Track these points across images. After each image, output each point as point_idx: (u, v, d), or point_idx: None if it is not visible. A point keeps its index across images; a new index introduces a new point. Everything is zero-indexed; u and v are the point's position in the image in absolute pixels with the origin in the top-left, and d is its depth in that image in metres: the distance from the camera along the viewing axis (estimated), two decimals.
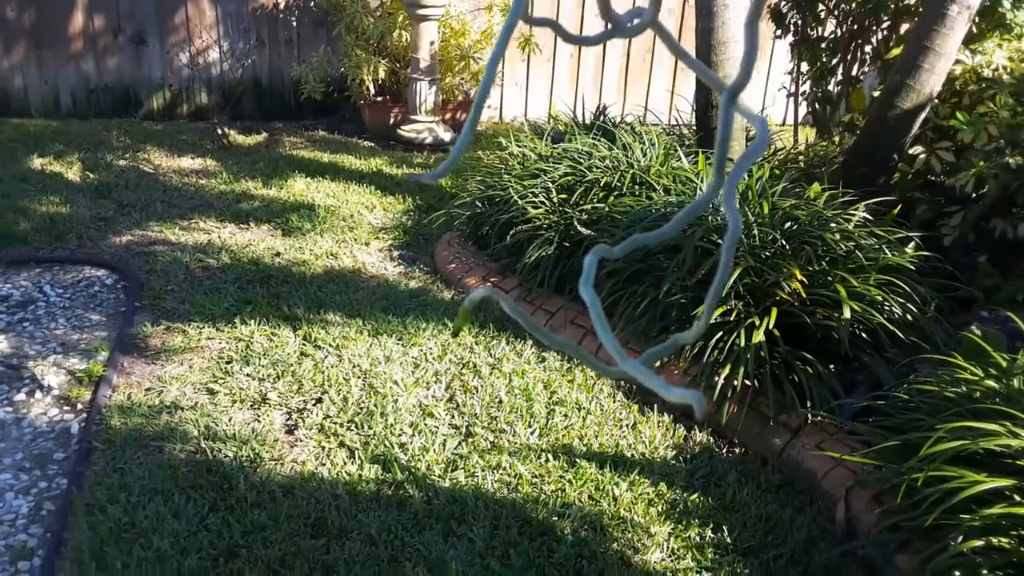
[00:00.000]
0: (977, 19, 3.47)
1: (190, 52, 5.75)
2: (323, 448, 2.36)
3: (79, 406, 2.56)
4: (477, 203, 3.77)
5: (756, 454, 2.48)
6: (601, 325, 0.47)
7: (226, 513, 2.07)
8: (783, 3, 4.30)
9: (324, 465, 2.29)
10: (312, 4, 5.80)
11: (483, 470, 2.30)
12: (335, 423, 2.47)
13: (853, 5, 4.04)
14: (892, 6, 3.97)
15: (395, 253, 3.80)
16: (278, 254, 3.64)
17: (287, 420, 2.51)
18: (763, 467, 2.41)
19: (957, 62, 3.26)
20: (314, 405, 2.56)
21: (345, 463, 2.30)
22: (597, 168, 3.54)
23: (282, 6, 5.80)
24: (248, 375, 2.70)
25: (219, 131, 5.26)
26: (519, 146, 4.03)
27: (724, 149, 0.48)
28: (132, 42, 5.64)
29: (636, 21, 0.50)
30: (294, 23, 5.86)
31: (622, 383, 2.78)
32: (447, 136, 5.55)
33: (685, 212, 0.51)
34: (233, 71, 5.86)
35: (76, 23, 5.50)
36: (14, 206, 3.94)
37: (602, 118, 4.46)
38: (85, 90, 5.66)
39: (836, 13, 4.19)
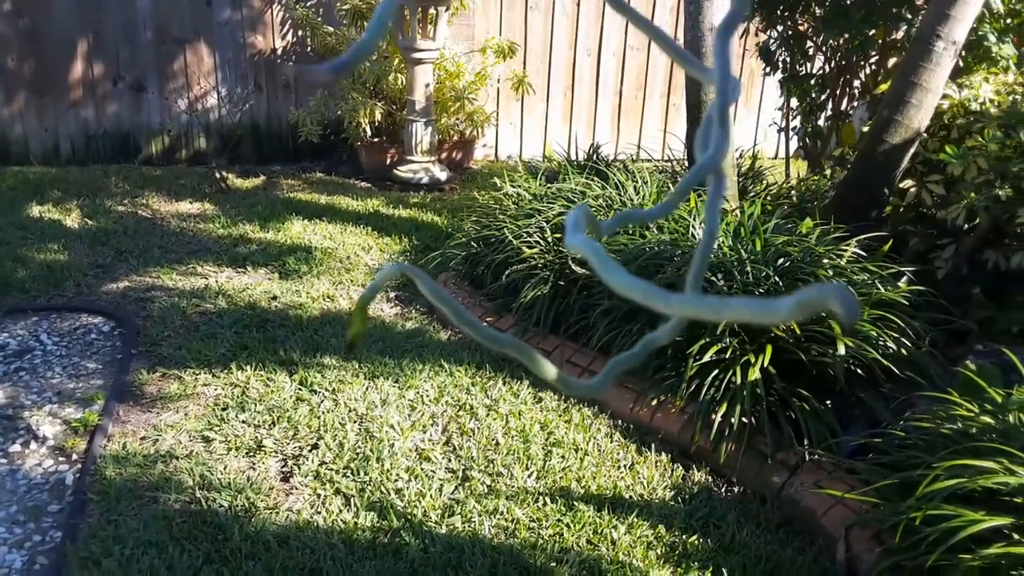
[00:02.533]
0: (964, 53, 3.52)
1: (188, 98, 5.83)
2: (318, 496, 2.35)
3: (74, 456, 2.55)
4: (472, 243, 3.79)
5: (755, 493, 2.46)
6: (609, 268, 0.37)
7: (220, 565, 2.06)
8: (771, 41, 4.36)
9: (319, 513, 2.28)
10: (309, 49, 5.88)
11: (480, 515, 2.29)
12: (331, 469, 2.46)
13: (841, 41, 4.10)
14: (879, 42, 4.03)
15: (391, 294, 3.81)
16: (275, 297, 3.65)
17: (282, 467, 2.49)
18: (762, 506, 2.40)
19: (945, 96, 3.30)
20: (310, 451, 2.55)
21: (340, 511, 2.29)
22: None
23: (279, 51, 5.88)
24: (244, 422, 2.69)
25: (217, 175, 5.30)
26: (513, 186, 4.06)
27: (724, 90, 0.40)
28: (131, 89, 5.72)
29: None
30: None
31: (619, 422, 2.77)
32: (443, 175, 5.59)
33: (683, 185, 0.43)
34: (231, 116, 5.93)
35: (76, 71, 5.58)
36: (12, 254, 3.96)
37: (595, 157, 4.50)
38: (84, 137, 5.72)
39: (824, 50, 4.25)
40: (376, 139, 5.82)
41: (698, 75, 0.43)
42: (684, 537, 2.25)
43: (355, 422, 2.70)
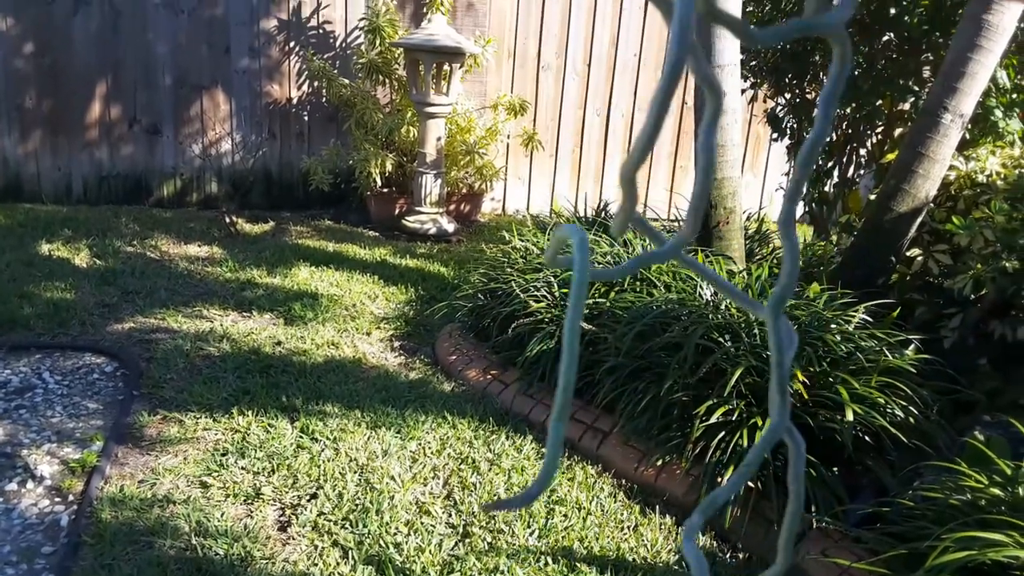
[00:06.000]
0: (970, 126, 3.57)
1: (203, 143, 5.91)
2: (316, 547, 2.31)
3: (70, 497, 2.51)
4: (479, 295, 3.80)
5: (760, 559, 2.42)
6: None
7: None
8: (779, 108, 4.44)
9: (316, 565, 2.23)
10: (324, 100, 5.98)
11: (480, 573, 2.24)
12: (329, 520, 2.42)
13: (848, 111, 4.17)
14: (886, 112, 4.10)
15: (396, 343, 3.80)
16: (279, 343, 3.64)
17: (280, 516, 2.46)
18: None
19: (951, 168, 3.34)
20: (308, 501, 2.51)
21: (338, 564, 2.24)
22: (599, 263, 3.58)
23: (295, 101, 5.99)
24: (243, 468, 2.66)
25: (227, 219, 5.35)
26: (521, 240, 4.09)
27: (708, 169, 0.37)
28: (146, 132, 5.80)
29: None
30: (305, 118, 6.04)
31: (623, 482, 2.74)
32: (451, 227, 5.64)
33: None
34: (244, 162, 6.00)
35: (93, 113, 5.67)
36: (19, 291, 3.97)
37: (603, 214, 4.54)
38: (97, 177, 5.78)
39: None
40: (386, 189, 5.88)
41: None
42: None
43: (355, 472, 2.67)
